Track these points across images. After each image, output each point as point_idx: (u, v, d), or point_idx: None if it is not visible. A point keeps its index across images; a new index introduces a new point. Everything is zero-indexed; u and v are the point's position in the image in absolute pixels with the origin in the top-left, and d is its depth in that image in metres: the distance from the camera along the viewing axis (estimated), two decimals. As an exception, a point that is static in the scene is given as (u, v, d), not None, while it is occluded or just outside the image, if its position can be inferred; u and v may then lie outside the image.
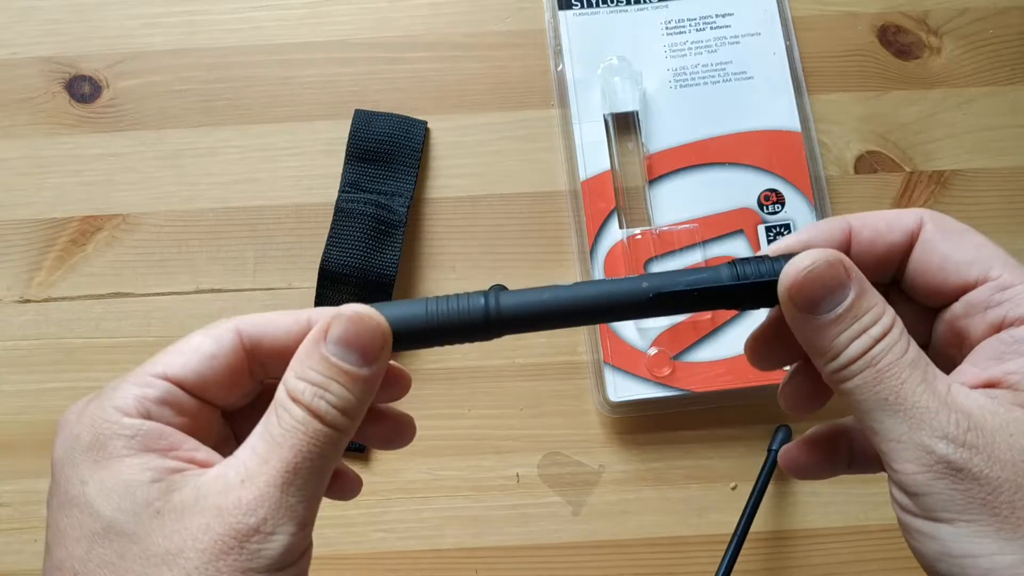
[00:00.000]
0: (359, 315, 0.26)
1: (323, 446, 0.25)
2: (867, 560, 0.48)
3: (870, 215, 0.28)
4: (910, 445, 0.24)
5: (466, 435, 0.49)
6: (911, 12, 0.56)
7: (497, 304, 0.27)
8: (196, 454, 0.26)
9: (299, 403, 0.25)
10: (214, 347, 0.26)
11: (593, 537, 0.48)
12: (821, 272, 0.26)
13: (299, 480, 0.25)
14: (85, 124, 0.53)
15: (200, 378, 0.26)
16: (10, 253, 0.52)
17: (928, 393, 0.24)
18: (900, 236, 0.28)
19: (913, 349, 0.25)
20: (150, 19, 0.55)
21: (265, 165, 0.53)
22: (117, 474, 0.24)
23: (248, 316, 0.27)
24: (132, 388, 0.25)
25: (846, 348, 0.25)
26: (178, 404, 0.26)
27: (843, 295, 0.26)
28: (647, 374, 0.49)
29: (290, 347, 0.27)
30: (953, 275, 0.27)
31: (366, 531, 0.48)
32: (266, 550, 0.24)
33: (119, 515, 0.24)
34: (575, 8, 0.54)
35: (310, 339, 0.26)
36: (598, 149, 0.52)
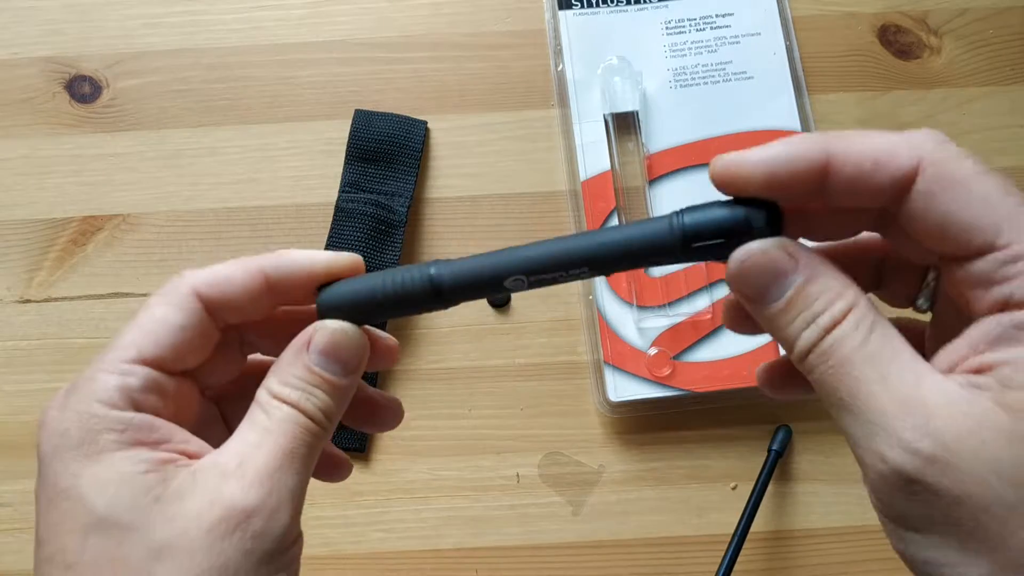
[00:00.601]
0: (343, 331, 0.26)
1: (311, 437, 0.26)
2: (867, 560, 0.48)
3: (856, 142, 0.24)
4: (867, 450, 0.22)
5: (466, 435, 0.49)
6: (911, 12, 0.56)
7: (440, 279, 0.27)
8: (187, 446, 0.25)
9: (285, 402, 0.26)
10: (181, 317, 0.26)
11: (593, 537, 0.48)
12: (758, 261, 0.24)
13: (295, 464, 0.25)
14: (85, 124, 0.53)
15: (174, 353, 0.26)
16: (10, 253, 0.52)
17: (885, 392, 0.22)
18: (888, 180, 0.23)
19: (876, 337, 0.22)
20: (150, 19, 0.55)
21: (265, 165, 0.53)
22: (110, 467, 0.24)
23: (200, 273, 0.27)
24: (112, 378, 0.25)
25: (797, 339, 0.23)
26: (160, 388, 0.26)
27: (788, 282, 0.23)
28: (647, 374, 0.49)
29: (247, 301, 0.27)
30: (953, 238, 0.23)
31: (366, 531, 0.48)
32: (269, 530, 0.24)
33: (115, 505, 0.23)
34: (575, 8, 0.54)
35: (292, 349, 0.26)
36: (598, 149, 0.52)
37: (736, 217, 0.24)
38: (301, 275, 0.27)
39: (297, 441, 0.25)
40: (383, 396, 0.32)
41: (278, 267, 0.27)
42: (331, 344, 0.26)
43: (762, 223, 0.24)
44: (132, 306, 0.51)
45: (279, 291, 0.27)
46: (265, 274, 0.27)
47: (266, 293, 0.27)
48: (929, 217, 0.23)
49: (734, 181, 0.25)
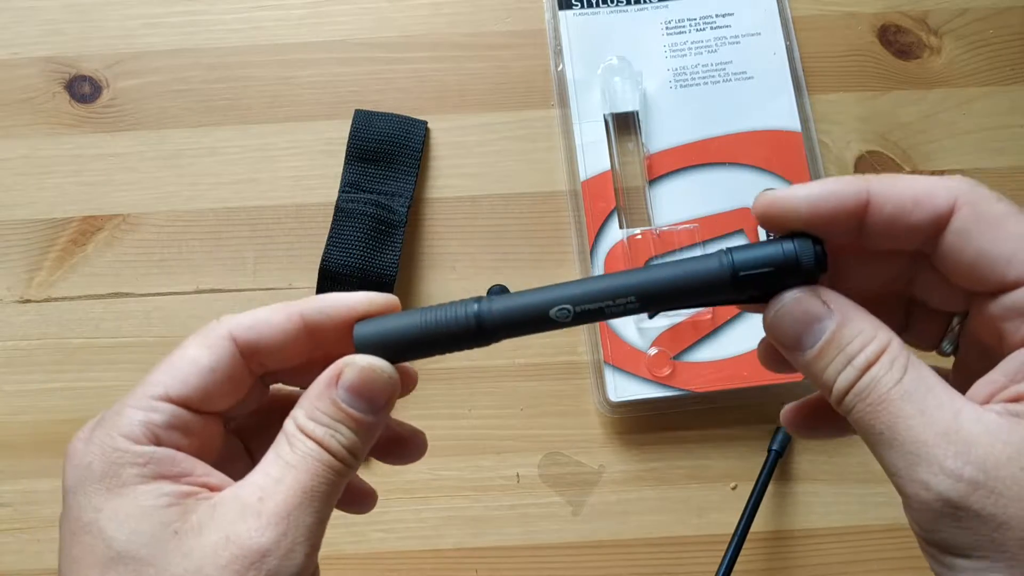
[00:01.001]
0: (372, 367, 0.26)
1: (333, 475, 0.25)
2: (867, 560, 0.48)
3: (896, 183, 0.25)
4: (910, 481, 0.23)
5: (466, 435, 0.49)
6: (911, 12, 0.56)
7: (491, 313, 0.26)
8: (209, 479, 0.26)
9: (310, 437, 0.25)
10: (212, 359, 0.26)
11: (593, 537, 0.48)
12: (790, 310, 0.25)
13: (315, 503, 0.25)
14: (85, 124, 0.53)
15: (202, 393, 0.26)
16: (10, 253, 0.52)
17: (925, 425, 0.23)
18: (927, 218, 0.24)
19: (910, 375, 0.23)
20: (150, 19, 0.55)
21: (265, 165, 0.53)
22: (132, 501, 0.24)
23: (239, 317, 0.27)
24: (137, 414, 0.25)
25: (835, 381, 0.24)
26: (184, 425, 0.26)
27: (822, 328, 0.24)
28: (647, 374, 0.49)
29: (284, 345, 0.27)
30: (988, 272, 0.24)
31: (366, 531, 0.48)
32: (283, 569, 0.24)
33: (134, 540, 0.24)
34: (575, 8, 0.54)
35: (322, 382, 0.26)
36: (598, 149, 0.52)
37: (786, 252, 0.25)
38: (339, 316, 0.27)
39: (318, 479, 0.25)
40: (407, 429, 0.32)
41: (316, 309, 0.27)
42: (360, 381, 0.26)
43: (810, 257, 0.25)
44: (132, 306, 0.51)
45: (317, 334, 0.27)
46: (303, 317, 0.27)
47: (304, 336, 0.27)
48: (965, 253, 0.24)
49: (778, 216, 0.26)
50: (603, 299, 0.26)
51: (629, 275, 0.26)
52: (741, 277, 0.25)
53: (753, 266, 0.25)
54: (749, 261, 0.25)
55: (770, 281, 0.25)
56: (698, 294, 0.26)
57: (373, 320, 0.27)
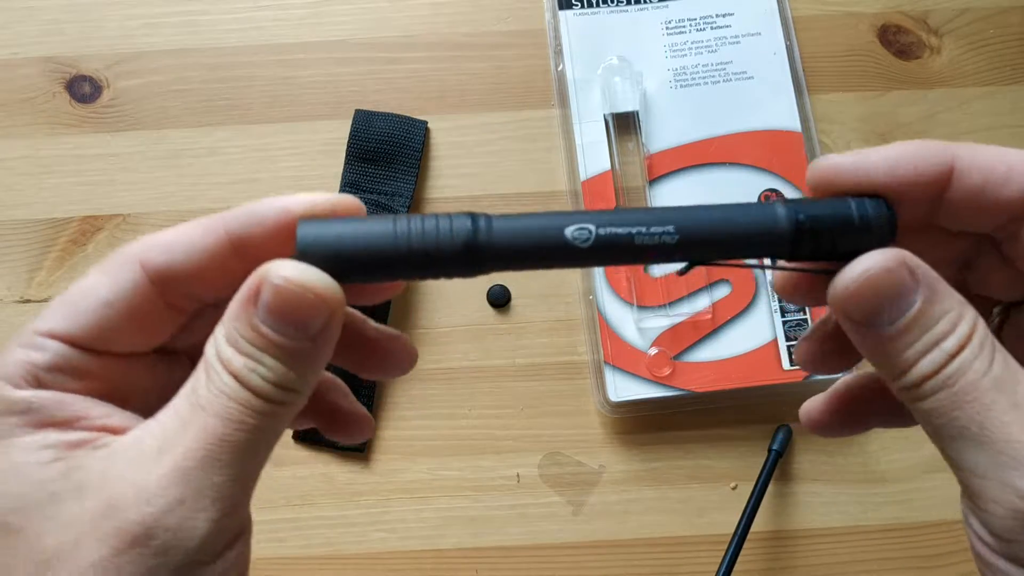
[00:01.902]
0: (290, 283, 0.20)
1: (257, 418, 0.20)
2: (867, 560, 0.48)
3: (986, 152, 0.22)
4: (997, 484, 0.20)
5: (466, 435, 0.49)
6: (911, 12, 0.56)
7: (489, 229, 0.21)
8: (109, 420, 0.21)
9: (227, 369, 0.20)
10: (109, 289, 0.21)
11: (593, 537, 0.48)
12: (877, 281, 0.21)
13: (226, 455, 0.20)
14: (85, 124, 0.53)
15: (97, 330, 0.21)
16: (10, 253, 0.52)
17: (1020, 422, 0.20)
18: (1017, 194, 0.21)
19: (999, 363, 0.21)
20: (150, 19, 0.55)
21: (265, 165, 0.53)
22: (6, 456, 0.20)
23: (153, 236, 0.22)
24: (18, 352, 0.21)
25: (915, 365, 0.21)
26: (74, 367, 0.21)
27: (907, 303, 0.21)
28: (647, 374, 0.49)
29: (208, 269, 0.22)
30: None
31: (366, 531, 0.48)
32: (181, 540, 0.20)
33: (8, 505, 0.20)
34: (575, 8, 0.54)
35: (239, 299, 0.21)
36: (598, 149, 0.52)
37: (859, 211, 0.21)
38: (271, 224, 0.21)
39: (233, 425, 0.20)
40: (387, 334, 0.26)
41: (242, 219, 0.22)
42: (280, 300, 0.20)
43: (883, 221, 0.21)
44: (132, 306, 0.51)
45: (248, 249, 0.22)
46: (227, 230, 0.22)
47: (232, 254, 0.22)
48: None
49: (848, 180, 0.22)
50: (634, 224, 0.21)
51: (671, 209, 0.22)
52: (803, 230, 0.21)
53: (819, 221, 0.21)
54: (815, 215, 0.21)
55: (832, 242, 0.21)
56: (749, 243, 0.22)
57: (326, 221, 0.21)
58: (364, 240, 0.21)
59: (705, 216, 0.21)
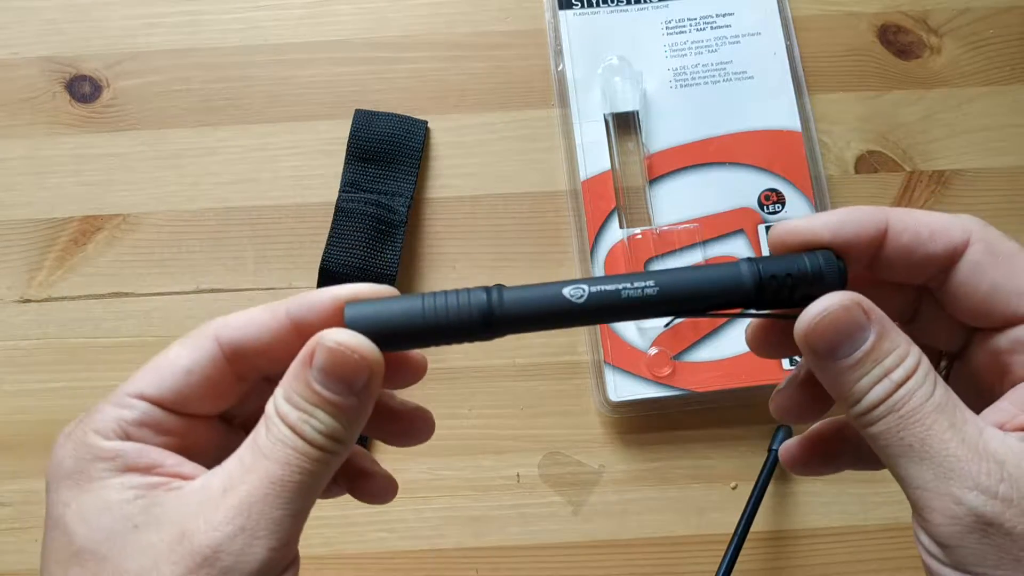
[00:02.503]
0: (341, 346, 0.24)
1: (311, 463, 0.24)
2: (867, 560, 0.48)
3: (913, 216, 0.26)
4: (938, 495, 0.23)
5: (466, 435, 0.49)
6: (911, 12, 0.56)
7: (500, 300, 0.25)
8: (181, 468, 0.25)
9: (285, 422, 0.24)
10: (190, 360, 0.25)
11: (593, 537, 0.48)
12: (836, 318, 0.24)
13: (285, 493, 0.24)
14: (85, 124, 0.53)
15: (178, 394, 0.25)
16: (10, 253, 0.52)
17: (957, 440, 0.23)
18: (943, 249, 0.25)
19: (940, 391, 0.24)
20: (150, 19, 0.55)
21: (265, 165, 0.53)
22: (97, 495, 0.24)
23: (225, 318, 0.26)
24: (110, 410, 0.25)
25: (867, 393, 0.24)
26: (157, 424, 0.25)
27: (862, 338, 0.24)
28: (647, 374, 0.49)
29: (272, 345, 0.26)
30: (1001, 305, 0.25)
31: (366, 531, 0.48)
32: (242, 563, 0.23)
33: (94, 535, 0.23)
34: (575, 8, 0.54)
35: (297, 362, 0.25)
36: (598, 149, 0.52)
37: (811, 265, 0.25)
38: (324, 308, 0.26)
39: (290, 469, 0.24)
40: (411, 407, 0.30)
41: (300, 303, 0.26)
42: (331, 360, 0.24)
43: (834, 271, 0.25)
44: (132, 306, 0.51)
45: (305, 331, 0.26)
46: (288, 313, 0.26)
47: (292, 334, 0.26)
48: (979, 286, 0.25)
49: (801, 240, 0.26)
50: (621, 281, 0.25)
51: (651, 272, 0.26)
52: (764, 284, 0.25)
53: (778, 275, 0.25)
54: (774, 270, 0.25)
55: (791, 291, 0.25)
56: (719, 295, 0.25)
57: (368, 303, 0.25)
58: (399, 315, 0.25)
59: (681, 274, 0.25)
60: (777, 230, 0.26)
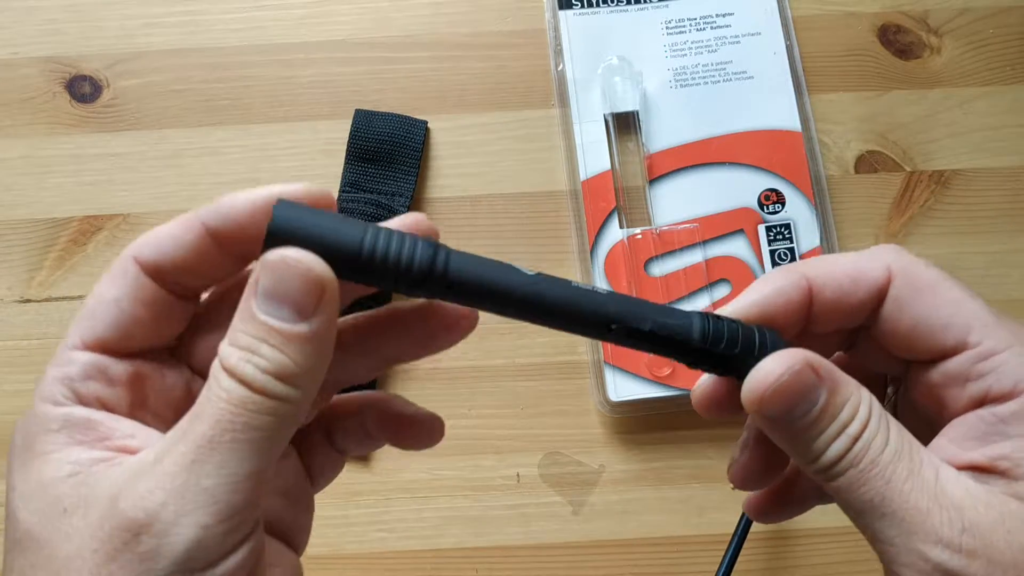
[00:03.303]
0: (284, 260, 0.20)
1: (253, 416, 0.20)
2: (867, 560, 0.48)
3: (829, 266, 0.25)
4: (904, 551, 0.22)
5: (466, 435, 0.49)
6: (911, 12, 0.56)
7: (447, 261, 0.22)
8: (131, 441, 0.22)
9: (226, 370, 0.21)
10: (116, 290, 0.23)
11: (593, 537, 0.48)
12: (789, 384, 0.23)
13: (217, 456, 0.20)
14: (85, 124, 0.53)
15: (116, 329, 0.23)
16: (10, 253, 0.52)
17: (916, 491, 0.22)
18: (867, 293, 0.25)
19: (894, 434, 0.23)
20: (150, 19, 0.55)
21: (265, 165, 0.53)
22: (37, 474, 0.21)
23: (143, 237, 0.23)
24: (53, 371, 0.22)
25: (825, 451, 0.23)
26: (103, 372, 0.23)
27: (815, 398, 0.23)
28: (647, 374, 0.49)
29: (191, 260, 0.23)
30: (927, 339, 0.24)
31: (366, 531, 0.48)
32: (165, 546, 0.19)
33: (32, 518, 0.21)
34: (575, 8, 0.54)
35: (244, 295, 0.21)
36: (598, 149, 0.52)
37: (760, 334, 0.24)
38: (240, 211, 0.22)
39: (223, 426, 0.20)
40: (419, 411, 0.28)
41: (215, 210, 0.22)
42: (274, 278, 0.20)
43: (780, 343, 0.25)
44: (132, 306, 0.51)
45: (226, 239, 0.23)
46: (203, 222, 0.23)
47: (212, 245, 0.23)
48: (902, 322, 0.24)
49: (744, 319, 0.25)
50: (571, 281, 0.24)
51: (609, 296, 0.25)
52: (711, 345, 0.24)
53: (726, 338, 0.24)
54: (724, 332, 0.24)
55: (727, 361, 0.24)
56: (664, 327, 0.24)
57: (297, 208, 0.21)
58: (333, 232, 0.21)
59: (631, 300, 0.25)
60: None
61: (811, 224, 0.51)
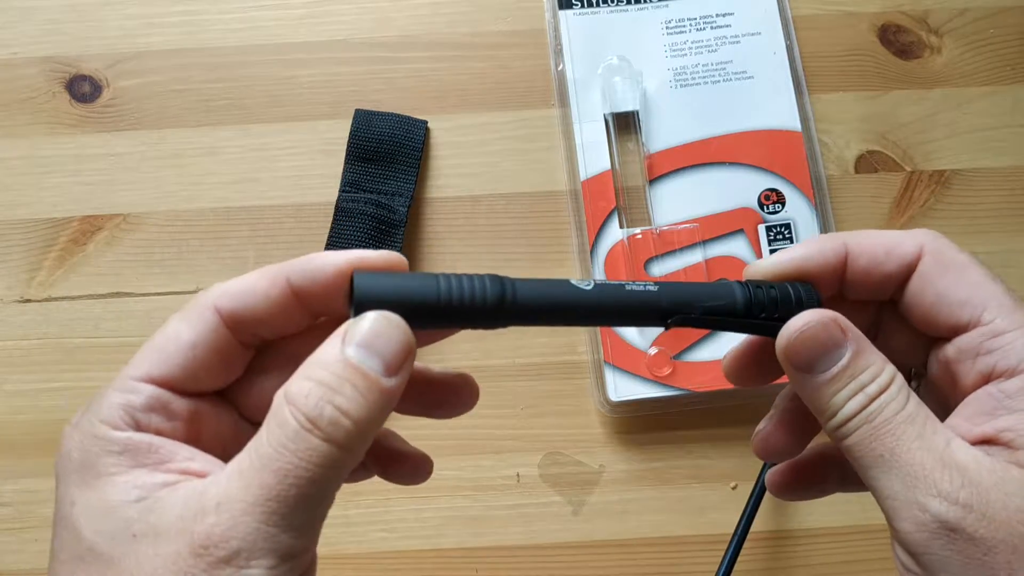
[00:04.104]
0: (387, 318, 0.23)
1: (318, 469, 0.22)
2: (867, 560, 0.48)
3: (869, 237, 0.28)
4: (906, 503, 0.24)
5: (466, 435, 0.49)
6: (911, 12, 0.56)
7: (514, 291, 0.25)
8: (191, 464, 0.24)
9: (297, 409, 0.22)
10: (193, 334, 0.24)
11: (593, 537, 0.48)
12: (816, 333, 0.26)
13: (283, 509, 0.22)
14: (85, 124, 0.53)
15: (185, 371, 0.24)
16: (10, 253, 0.52)
17: (923, 449, 0.24)
18: (897, 266, 0.27)
19: (912, 404, 0.25)
20: (150, 19, 0.55)
21: (265, 165, 0.53)
22: (103, 494, 0.23)
23: (224, 286, 0.25)
24: (117, 396, 0.24)
25: (843, 406, 0.25)
26: (166, 407, 0.24)
27: (839, 355, 0.25)
28: (647, 374, 0.49)
29: (272, 313, 0.25)
30: (945, 314, 0.26)
31: (366, 531, 0.48)
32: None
33: (99, 537, 0.22)
34: (575, 8, 0.54)
35: (329, 340, 0.23)
36: (598, 149, 0.52)
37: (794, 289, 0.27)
38: (326, 274, 0.25)
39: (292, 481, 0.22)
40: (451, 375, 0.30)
41: (301, 269, 0.25)
42: (374, 333, 0.23)
43: (815, 299, 0.27)
44: (132, 306, 0.51)
45: (306, 297, 0.25)
46: (288, 279, 0.25)
47: (293, 301, 0.25)
48: (925, 296, 0.27)
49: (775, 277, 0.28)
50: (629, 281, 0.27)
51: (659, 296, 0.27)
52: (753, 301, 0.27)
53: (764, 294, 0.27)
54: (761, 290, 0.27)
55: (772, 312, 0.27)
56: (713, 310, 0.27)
57: (375, 274, 0.24)
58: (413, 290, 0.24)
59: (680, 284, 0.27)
60: (749, 271, 0.28)
61: (811, 224, 0.51)
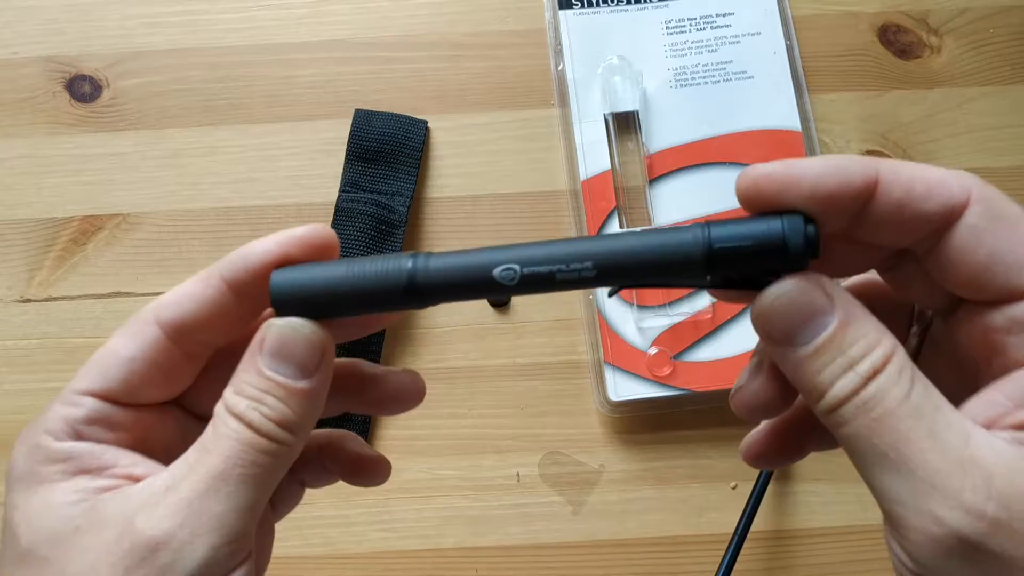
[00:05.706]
0: (291, 326, 0.23)
1: (258, 455, 0.23)
2: (867, 560, 0.48)
3: (908, 169, 0.22)
4: (916, 512, 0.20)
5: (466, 435, 0.49)
6: (912, 12, 0.56)
7: (427, 268, 0.23)
8: (134, 469, 0.24)
9: (233, 415, 0.23)
10: (132, 348, 0.25)
11: (593, 537, 0.48)
12: (792, 299, 0.21)
13: (227, 487, 0.23)
14: (85, 124, 0.53)
15: (125, 385, 0.25)
16: (10, 253, 0.52)
17: (937, 450, 0.20)
18: (938, 208, 0.22)
19: (918, 389, 0.21)
20: (150, 19, 0.55)
21: (265, 165, 0.53)
22: (44, 498, 0.23)
23: (162, 298, 0.25)
24: (59, 409, 0.24)
25: (831, 387, 0.21)
26: (106, 419, 0.25)
27: (822, 324, 0.21)
28: (647, 374, 0.49)
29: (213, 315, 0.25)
30: (1000, 277, 0.21)
31: (366, 531, 0.48)
32: (182, 561, 0.22)
33: (36, 537, 0.23)
34: (575, 7, 0.54)
35: (248, 351, 0.24)
36: (598, 149, 0.52)
37: (771, 229, 0.21)
38: (256, 264, 0.24)
39: (233, 461, 0.23)
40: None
41: (231, 264, 0.24)
42: (279, 342, 0.23)
43: (799, 238, 0.21)
44: (132, 306, 0.51)
45: (245, 291, 0.24)
46: (221, 277, 0.24)
47: (232, 299, 0.25)
48: (977, 254, 0.22)
49: (772, 195, 0.22)
50: (553, 262, 0.22)
51: (590, 240, 0.23)
52: (716, 253, 0.22)
53: (730, 240, 0.21)
54: (727, 235, 0.22)
55: (749, 263, 0.22)
56: (665, 270, 0.22)
57: (293, 268, 0.24)
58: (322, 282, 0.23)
59: (622, 247, 0.22)
60: (748, 173, 0.22)
61: (811, 224, 0.51)
